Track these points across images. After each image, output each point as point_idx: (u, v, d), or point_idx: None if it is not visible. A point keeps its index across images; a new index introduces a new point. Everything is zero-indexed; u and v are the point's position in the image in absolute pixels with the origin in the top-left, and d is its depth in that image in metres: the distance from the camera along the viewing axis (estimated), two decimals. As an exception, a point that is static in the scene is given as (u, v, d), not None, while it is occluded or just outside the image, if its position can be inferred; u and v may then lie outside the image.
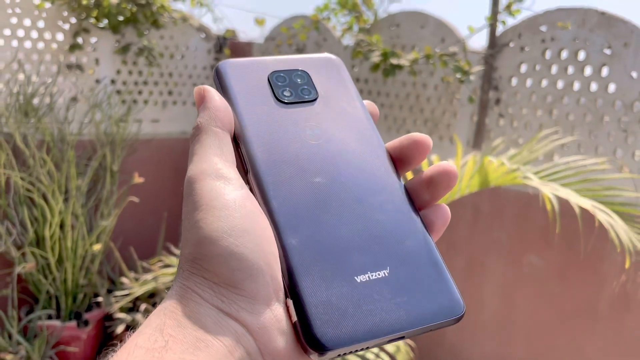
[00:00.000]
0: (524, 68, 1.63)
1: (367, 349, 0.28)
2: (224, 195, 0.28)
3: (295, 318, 0.27)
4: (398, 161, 0.34)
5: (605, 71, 1.46)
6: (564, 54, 1.54)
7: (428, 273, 0.29)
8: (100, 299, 2.00)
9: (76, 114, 2.08)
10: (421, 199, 0.32)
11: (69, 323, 1.91)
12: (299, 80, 0.35)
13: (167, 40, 2.35)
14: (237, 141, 0.32)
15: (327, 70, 0.36)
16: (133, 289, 1.84)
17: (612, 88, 1.45)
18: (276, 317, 0.26)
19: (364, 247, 0.29)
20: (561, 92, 1.55)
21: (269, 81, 0.34)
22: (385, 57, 1.78)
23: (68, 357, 1.90)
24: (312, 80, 0.35)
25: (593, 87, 1.49)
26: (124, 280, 1.98)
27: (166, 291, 1.83)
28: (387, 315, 0.27)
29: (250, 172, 0.31)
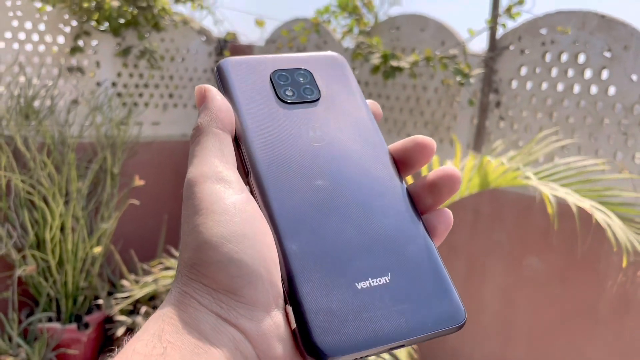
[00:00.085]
0: (524, 71, 1.64)
1: (367, 357, 0.27)
2: (224, 199, 0.27)
3: (294, 325, 0.26)
4: (401, 164, 0.33)
5: (605, 74, 1.47)
6: (564, 57, 1.54)
7: (429, 280, 0.29)
8: (100, 302, 2.00)
9: (77, 117, 2.09)
10: (424, 203, 0.32)
11: (69, 326, 1.91)
12: (302, 79, 0.34)
13: (168, 43, 2.35)
14: (238, 142, 0.31)
15: (330, 69, 0.36)
16: (133, 292, 1.84)
17: (612, 91, 1.46)
18: (275, 324, 0.26)
19: (365, 253, 0.29)
20: (561, 95, 1.55)
21: (271, 80, 0.34)
22: (385, 59, 1.78)
23: (68, 360, 1.90)
24: (315, 79, 0.35)
25: (593, 90, 1.49)
26: (125, 282, 1.98)
27: (166, 294, 1.82)
28: (388, 323, 0.27)
29: (251, 174, 0.30)
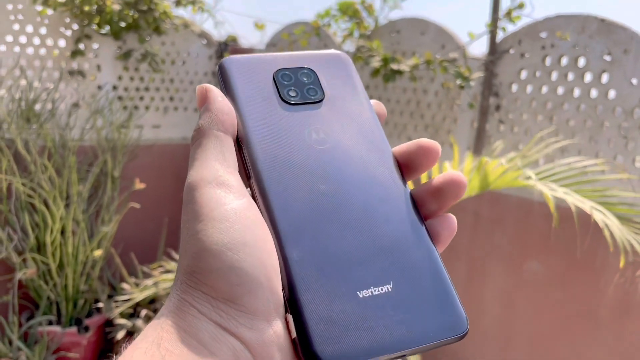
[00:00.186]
0: (524, 74, 1.64)
1: None
2: (224, 204, 0.27)
3: (294, 334, 0.26)
4: (405, 167, 0.32)
5: (605, 78, 1.47)
6: (564, 61, 1.54)
7: (432, 288, 0.29)
8: (100, 305, 2.00)
9: (78, 120, 2.09)
10: (427, 209, 0.31)
11: (70, 329, 1.91)
12: (305, 79, 0.34)
13: (169, 46, 2.36)
14: (240, 144, 0.31)
15: (335, 68, 0.35)
16: (134, 295, 1.84)
17: (612, 94, 1.46)
18: (275, 333, 0.26)
19: (368, 261, 0.28)
20: (561, 99, 1.55)
21: (274, 80, 0.33)
22: (385, 63, 1.78)
23: (68, 363, 1.90)
24: (319, 79, 0.34)
25: (593, 94, 1.49)
26: (125, 285, 1.98)
27: (166, 297, 1.82)
28: (389, 333, 0.27)
29: (252, 178, 0.30)
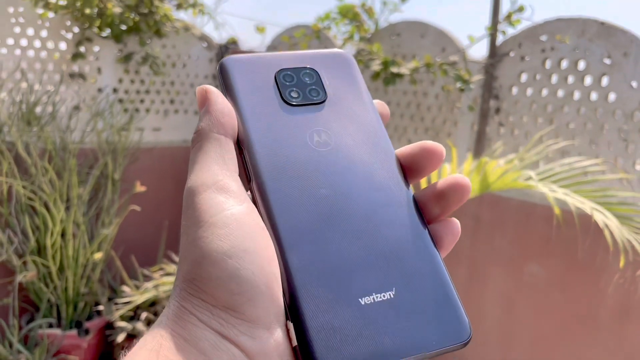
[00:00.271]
0: (524, 77, 1.64)
1: None
2: (225, 210, 0.26)
3: (295, 342, 0.26)
4: (408, 170, 0.32)
5: (605, 81, 1.47)
6: (564, 64, 1.54)
7: (435, 295, 0.28)
8: (101, 308, 2.00)
9: (78, 123, 2.09)
10: (431, 213, 0.31)
11: (70, 332, 1.90)
12: (307, 79, 0.33)
13: (169, 49, 2.36)
14: (241, 146, 0.30)
15: (337, 67, 0.35)
16: (134, 297, 1.84)
17: (612, 97, 1.46)
18: (276, 342, 0.25)
19: (370, 267, 0.28)
20: (561, 102, 1.56)
21: (276, 80, 0.33)
22: (385, 66, 1.78)
23: (68, 366, 1.89)
24: (321, 79, 0.34)
25: (593, 97, 1.50)
26: (125, 288, 1.98)
27: (167, 300, 1.82)
28: (391, 340, 0.26)
29: (253, 181, 0.29)
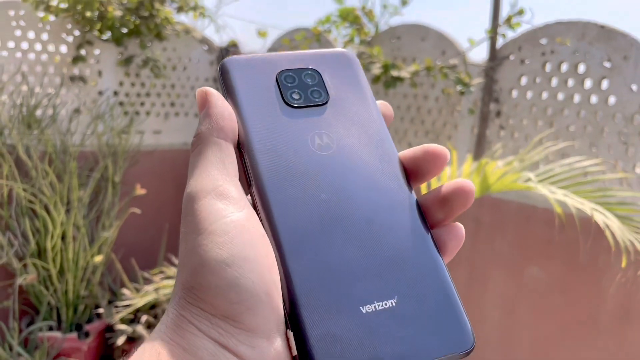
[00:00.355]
0: (524, 80, 1.64)
1: None
2: (224, 217, 0.26)
3: (295, 352, 0.25)
4: (411, 173, 0.31)
5: (605, 84, 1.47)
6: (564, 67, 1.55)
7: (437, 302, 0.28)
8: (101, 311, 2.00)
9: (79, 126, 2.09)
10: (434, 218, 0.31)
11: (70, 334, 1.90)
12: (310, 80, 0.33)
13: (170, 52, 2.37)
14: (241, 150, 0.30)
15: (340, 67, 0.34)
16: (134, 300, 1.84)
17: (612, 101, 1.46)
18: (276, 351, 0.25)
19: (372, 274, 0.27)
20: (561, 105, 1.56)
21: (277, 82, 0.32)
22: (386, 69, 1.79)
23: (68, 369, 1.89)
24: (324, 80, 0.33)
25: (593, 100, 1.50)
26: (125, 291, 1.98)
27: (167, 303, 1.82)
28: (392, 350, 0.26)
29: (253, 186, 0.29)
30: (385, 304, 0.27)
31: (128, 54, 2.22)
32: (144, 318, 1.90)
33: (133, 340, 1.92)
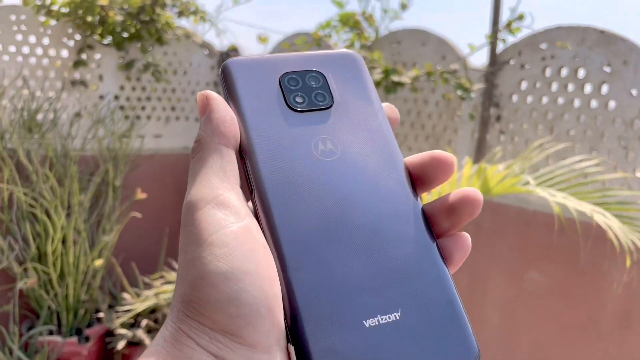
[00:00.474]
0: (525, 85, 1.65)
1: None
2: (224, 228, 0.25)
3: None
4: (417, 180, 0.31)
5: (605, 89, 1.48)
6: (564, 72, 1.55)
7: (442, 315, 0.27)
8: (101, 315, 2.00)
9: (79, 130, 2.10)
10: (440, 227, 0.30)
11: (70, 339, 1.90)
12: (314, 83, 0.32)
13: (171, 56, 2.37)
14: (243, 155, 0.29)
15: (345, 69, 0.33)
16: (134, 305, 1.84)
17: (612, 105, 1.47)
18: None
19: (376, 286, 0.27)
20: (561, 109, 1.56)
21: (280, 84, 0.31)
22: (386, 74, 1.79)
23: (68, 374, 1.89)
24: (328, 83, 0.32)
25: (593, 105, 1.50)
26: (126, 296, 1.98)
27: (167, 307, 1.82)
28: None
29: (255, 193, 0.28)
30: (389, 318, 0.26)
31: (129, 59, 2.23)
32: (144, 322, 1.89)
33: (133, 344, 1.91)
